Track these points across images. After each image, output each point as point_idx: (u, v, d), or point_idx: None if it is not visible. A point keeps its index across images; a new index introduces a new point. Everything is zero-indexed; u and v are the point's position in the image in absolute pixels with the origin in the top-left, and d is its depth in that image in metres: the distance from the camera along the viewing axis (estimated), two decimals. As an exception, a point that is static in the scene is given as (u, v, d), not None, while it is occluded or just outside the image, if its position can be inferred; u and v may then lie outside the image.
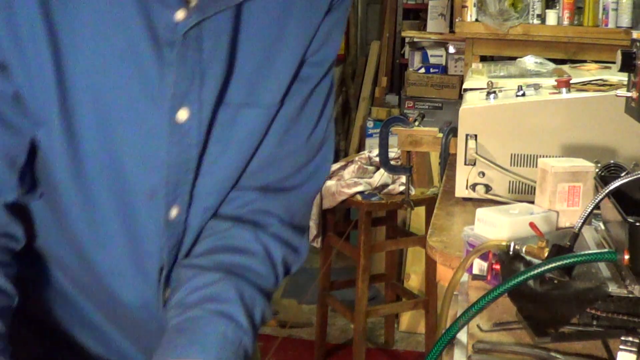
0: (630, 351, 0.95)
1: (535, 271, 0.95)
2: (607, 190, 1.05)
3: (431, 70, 4.64)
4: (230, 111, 0.93)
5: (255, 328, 0.95)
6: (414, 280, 3.71)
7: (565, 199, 1.40)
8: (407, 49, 5.05)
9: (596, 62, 2.49)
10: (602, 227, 1.25)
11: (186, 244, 0.98)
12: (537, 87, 1.84)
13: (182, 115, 0.89)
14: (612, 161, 1.53)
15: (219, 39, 0.89)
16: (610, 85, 1.85)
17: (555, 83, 1.84)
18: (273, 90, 0.95)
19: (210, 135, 0.93)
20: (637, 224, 0.97)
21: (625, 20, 3.34)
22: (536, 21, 3.51)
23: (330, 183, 3.23)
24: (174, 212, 0.94)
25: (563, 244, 1.05)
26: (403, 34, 4.99)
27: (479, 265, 1.24)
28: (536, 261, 1.06)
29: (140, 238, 0.93)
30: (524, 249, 1.10)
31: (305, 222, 1.06)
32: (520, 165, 1.75)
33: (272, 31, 0.93)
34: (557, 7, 3.50)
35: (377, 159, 3.11)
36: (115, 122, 0.87)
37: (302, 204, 1.05)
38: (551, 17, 3.49)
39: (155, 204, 0.92)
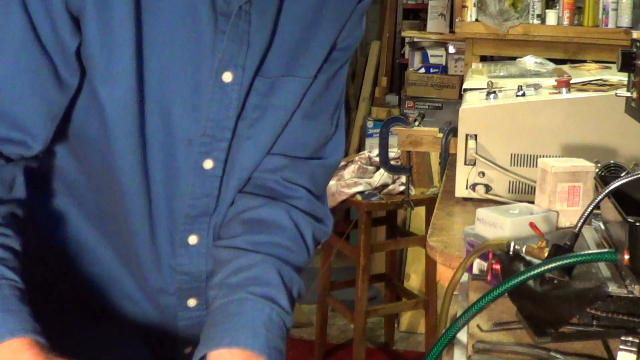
0: (630, 351, 0.95)
1: (535, 271, 0.95)
2: (607, 190, 1.05)
3: (431, 70, 4.64)
4: (267, 82, 1.04)
5: (293, 306, 1.04)
6: (414, 280, 3.71)
7: (565, 199, 1.40)
8: (407, 49, 5.04)
9: (596, 62, 2.50)
10: (602, 227, 1.25)
11: (223, 201, 1.07)
12: (537, 87, 1.84)
13: (227, 77, 1.01)
14: (612, 161, 1.54)
15: (265, 16, 1.01)
16: (610, 85, 1.85)
17: (555, 83, 1.84)
18: (307, 66, 1.07)
19: (248, 103, 1.04)
20: (637, 224, 0.97)
21: (625, 20, 3.34)
22: (536, 21, 3.51)
23: (330, 183, 3.22)
24: (208, 164, 1.04)
25: (563, 244, 1.05)
26: (403, 34, 4.99)
27: (479, 265, 1.24)
28: (536, 261, 1.06)
29: (176, 179, 1.03)
30: (524, 249, 1.10)
31: (324, 191, 1.17)
32: (520, 165, 1.75)
33: (310, 15, 1.05)
34: (557, 7, 3.50)
35: (377, 159, 3.11)
36: (171, 75, 0.98)
37: (324, 175, 1.16)
38: (551, 17, 3.49)
39: (191, 152, 1.03)
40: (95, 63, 0.95)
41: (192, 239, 1.07)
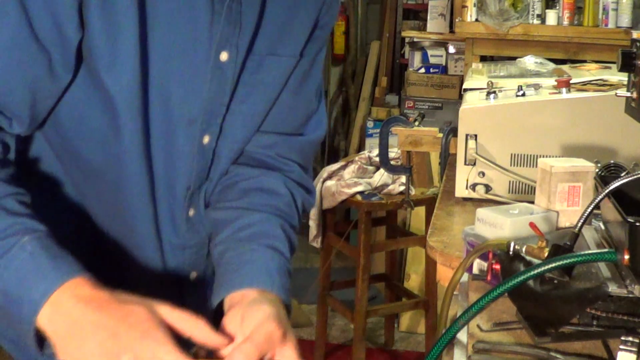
0: (630, 351, 0.95)
1: (535, 271, 0.95)
2: (607, 190, 1.05)
3: (431, 70, 4.64)
4: (256, 60, 1.10)
5: (292, 255, 1.13)
6: (414, 280, 3.71)
7: (565, 199, 1.40)
8: (407, 49, 5.04)
9: (596, 62, 2.50)
10: (602, 227, 1.25)
11: (214, 171, 1.14)
12: (537, 87, 1.84)
13: (223, 56, 1.05)
14: (612, 161, 1.53)
15: None
16: (610, 85, 1.85)
17: (555, 83, 1.84)
18: (292, 44, 1.12)
19: (240, 79, 1.09)
20: (637, 224, 0.97)
21: (625, 20, 3.34)
22: (536, 21, 3.51)
23: (330, 183, 3.23)
24: (206, 139, 1.10)
25: (563, 244, 1.05)
26: (403, 34, 4.99)
27: (479, 265, 1.24)
28: (536, 261, 1.06)
29: (176, 159, 1.08)
30: (524, 249, 1.10)
31: (310, 165, 1.26)
32: (520, 165, 1.75)
33: None
34: (557, 7, 3.50)
35: (377, 159, 3.11)
36: (173, 58, 1.02)
37: (311, 149, 1.24)
38: (551, 17, 3.49)
39: (192, 130, 1.08)
40: (99, 51, 0.96)
41: (191, 212, 1.13)
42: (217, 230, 1.11)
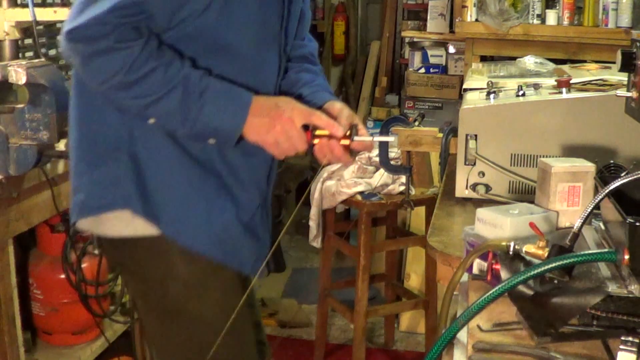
0: (630, 351, 0.95)
1: (535, 271, 0.95)
2: (607, 190, 1.05)
3: (431, 70, 4.64)
4: None
5: None
6: (414, 280, 3.71)
7: (565, 199, 1.40)
8: (407, 49, 5.04)
9: (596, 62, 2.50)
10: (602, 227, 1.25)
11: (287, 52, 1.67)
12: (537, 87, 1.84)
13: None
14: (612, 161, 1.54)
15: None
16: (610, 85, 1.85)
17: (555, 83, 1.84)
18: None
19: None
20: (637, 224, 0.97)
21: (625, 20, 3.34)
22: (536, 21, 3.50)
23: (330, 183, 3.23)
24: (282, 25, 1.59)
25: (563, 244, 1.05)
26: (403, 34, 4.99)
27: (479, 265, 1.24)
28: (536, 261, 1.06)
29: (267, 47, 1.56)
30: (524, 249, 1.10)
31: None
32: (520, 165, 1.75)
33: None
34: (557, 7, 3.50)
35: (377, 159, 3.10)
36: None
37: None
38: (551, 17, 3.49)
39: (276, 26, 1.56)
40: None
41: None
42: (292, 88, 1.66)
